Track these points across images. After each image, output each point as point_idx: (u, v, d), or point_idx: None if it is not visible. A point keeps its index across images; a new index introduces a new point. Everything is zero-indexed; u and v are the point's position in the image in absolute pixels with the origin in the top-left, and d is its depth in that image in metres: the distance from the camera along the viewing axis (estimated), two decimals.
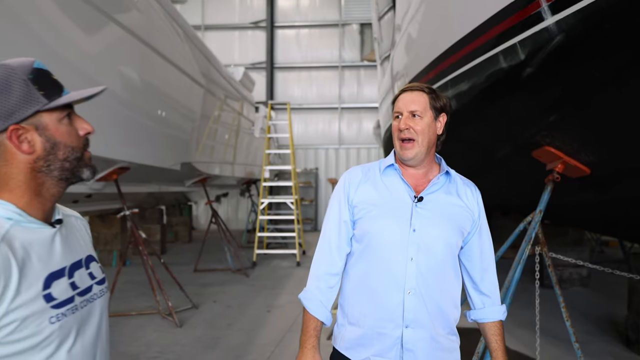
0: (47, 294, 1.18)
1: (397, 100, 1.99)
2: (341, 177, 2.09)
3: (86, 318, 1.30)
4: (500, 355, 2.02)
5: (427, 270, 1.88)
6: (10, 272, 1.11)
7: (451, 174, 2.02)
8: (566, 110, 3.17)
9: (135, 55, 5.84)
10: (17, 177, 1.22)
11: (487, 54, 3.29)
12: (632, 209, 3.88)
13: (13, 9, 3.78)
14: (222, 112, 10.29)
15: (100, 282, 1.39)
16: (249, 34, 20.08)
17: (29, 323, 1.14)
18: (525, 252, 3.77)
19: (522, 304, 6.32)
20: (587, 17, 2.36)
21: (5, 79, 1.18)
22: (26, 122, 1.20)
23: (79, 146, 1.29)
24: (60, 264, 1.25)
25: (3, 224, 1.16)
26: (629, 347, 5.48)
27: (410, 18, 5.71)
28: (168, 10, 7.14)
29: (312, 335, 2.00)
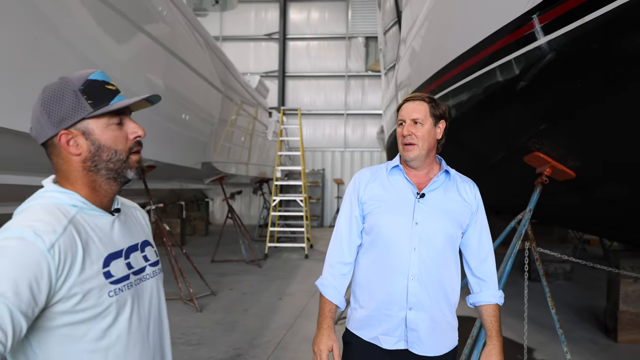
0: (107, 272, 1.25)
1: (401, 109, 2.06)
2: (353, 177, 2.16)
3: (140, 294, 1.36)
4: (495, 334, 2.06)
5: (428, 259, 1.94)
6: (76, 250, 1.18)
7: (451, 173, 2.08)
8: (555, 120, 3.21)
9: (163, 63, 5.88)
10: (74, 173, 1.29)
11: (485, 68, 3.33)
12: (611, 209, 3.93)
13: (55, 23, 3.88)
14: (239, 116, 10.33)
15: (154, 264, 1.45)
16: (263, 44, 20.13)
17: (92, 295, 1.20)
18: (515, 247, 3.81)
19: (511, 294, 6.37)
20: (576, 39, 2.42)
21: (60, 90, 1.25)
22: (74, 127, 1.26)
23: (124, 149, 1.32)
24: (118, 247, 1.32)
25: (70, 210, 1.23)
26: (607, 335, 5.55)
27: (415, 33, 5.74)
28: (191, 22, 7.18)
29: (328, 316, 2.08)
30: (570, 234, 10.22)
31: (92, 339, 1.22)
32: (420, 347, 1.95)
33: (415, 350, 1.96)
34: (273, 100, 18.47)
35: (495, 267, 2.14)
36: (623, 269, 4.89)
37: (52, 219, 1.17)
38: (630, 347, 5.22)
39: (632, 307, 5.30)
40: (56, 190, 1.27)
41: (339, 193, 18.90)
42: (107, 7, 4.53)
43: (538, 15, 2.62)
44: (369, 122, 19.18)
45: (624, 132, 2.85)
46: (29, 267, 1.09)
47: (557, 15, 2.47)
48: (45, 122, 1.25)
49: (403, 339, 1.96)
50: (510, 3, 2.91)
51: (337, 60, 19.73)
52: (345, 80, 19.54)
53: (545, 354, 4.97)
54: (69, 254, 1.16)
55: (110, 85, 1.31)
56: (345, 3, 19.80)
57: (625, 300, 5.31)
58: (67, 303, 1.17)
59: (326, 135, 19.60)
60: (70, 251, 1.17)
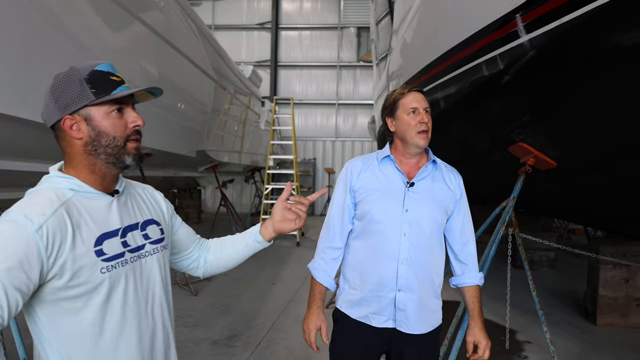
0: (99, 250, 1.33)
1: (406, 97, 2.10)
2: (345, 166, 2.23)
3: (137, 270, 1.43)
4: (477, 314, 2.20)
5: (417, 244, 2.05)
6: (66, 230, 1.27)
7: (437, 162, 2.18)
8: (537, 112, 3.34)
9: (158, 52, 5.89)
10: (76, 156, 1.38)
11: (472, 62, 3.44)
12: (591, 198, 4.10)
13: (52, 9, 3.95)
14: (232, 105, 10.36)
15: (155, 241, 1.51)
16: (255, 34, 20.10)
17: (84, 272, 1.29)
18: (499, 233, 3.97)
19: (496, 280, 6.58)
20: (555, 37, 2.55)
21: (67, 78, 1.35)
22: (77, 113, 1.35)
23: (122, 136, 1.39)
24: (113, 226, 1.39)
25: (66, 193, 1.33)
26: (586, 318, 5.78)
27: (407, 25, 5.86)
28: (186, 10, 7.19)
29: (318, 298, 2.19)
30: (556, 223, 10.45)
31: (89, 312, 1.32)
32: (407, 325, 2.07)
33: (402, 328, 2.07)
34: (265, 90, 18.50)
35: (476, 251, 2.26)
36: (603, 255, 5.08)
37: (45, 202, 1.28)
38: (608, 329, 5.45)
39: (611, 291, 5.52)
40: (57, 175, 1.37)
41: (330, 182, 19.01)
42: None
43: (521, 14, 2.75)
44: (360, 112, 19.28)
45: (599, 124, 3.01)
46: (19, 246, 1.19)
47: (538, 15, 2.60)
48: (52, 107, 1.35)
49: (391, 318, 2.07)
50: (495, 2, 3.04)
51: (329, 50, 19.75)
52: (337, 70, 19.59)
53: (526, 336, 5.19)
54: (57, 233, 1.25)
55: (115, 77, 1.39)
56: None
57: (605, 285, 5.53)
58: (61, 279, 1.26)
59: (318, 124, 19.68)
60: (60, 231, 1.25)
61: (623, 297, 5.52)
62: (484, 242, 4.54)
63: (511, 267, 4.37)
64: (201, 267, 1.77)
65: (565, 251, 5.21)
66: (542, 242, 4.48)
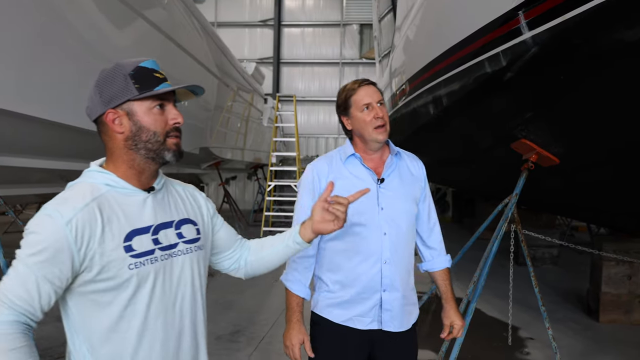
0: (128, 246, 1.33)
1: (357, 93, 2.02)
2: (308, 170, 2.10)
3: (167, 269, 1.41)
4: (450, 296, 2.20)
5: (397, 241, 2.02)
6: (95, 224, 1.29)
7: (399, 152, 2.13)
8: (539, 109, 3.35)
9: (161, 49, 5.89)
10: (117, 151, 1.40)
11: (475, 59, 3.44)
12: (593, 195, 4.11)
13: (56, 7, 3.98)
14: (235, 102, 10.37)
15: (190, 241, 1.49)
16: (257, 31, 20.06)
17: (112, 266, 1.30)
18: (502, 229, 3.99)
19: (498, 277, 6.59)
20: (558, 33, 2.56)
21: (112, 73, 1.38)
22: (120, 107, 1.37)
23: (162, 132, 1.40)
24: (146, 223, 1.39)
25: (101, 188, 1.36)
26: (589, 315, 5.77)
27: (410, 22, 5.87)
28: (189, 7, 7.21)
29: (297, 310, 2.08)
30: (559, 220, 10.44)
31: (116, 308, 1.33)
32: (392, 324, 2.03)
33: (388, 328, 2.02)
34: (267, 87, 18.48)
35: (442, 235, 2.26)
36: (606, 252, 5.08)
37: (78, 196, 1.31)
38: (611, 326, 5.44)
39: (614, 288, 5.52)
40: (95, 170, 1.40)
41: None
42: None
43: (523, 11, 2.76)
44: None
45: (602, 120, 3.02)
46: (50, 240, 1.24)
47: (541, 12, 2.61)
48: (97, 101, 1.38)
49: (376, 319, 2.01)
50: None
51: (331, 47, 19.70)
52: (339, 67, 19.56)
53: (529, 332, 5.19)
54: (86, 227, 1.28)
55: (158, 74, 1.41)
56: None
57: (607, 282, 5.52)
58: (90, 272, 1.29)
59: (320, 121, 19.61)
60: (89, 225, 1.28)
61: (626, 294, 5.52)
62: (486, 238, 4.56)
63: (513, 264, 4.38)
64: (242, 268, 1.74)
65: (568, 248, 5.22)
66: (545, 238, 4.49)
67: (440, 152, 5.99)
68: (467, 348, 4.14)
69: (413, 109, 5.59)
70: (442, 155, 6.02)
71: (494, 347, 4.78)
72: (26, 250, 1.26)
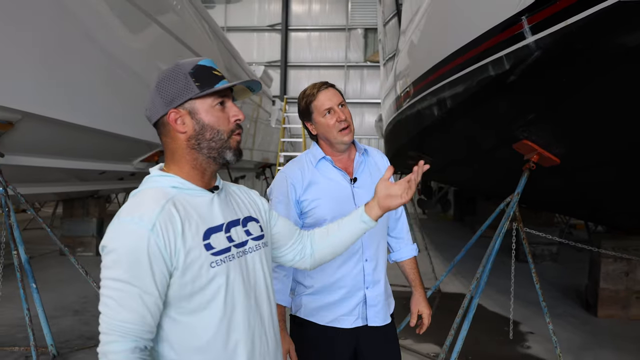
0: (207, 244, 1.27)
1: (317, 99, 1.98)
2: (279, 178, 2.03)
3: (244, 266, 1.36)
4: (419, 284, 2.19)
5: (375, 238, 2.01)
6: (176, 223, 1.22)
7: (368, 150, 2.12)
8: (541, 111, 3.33)
9: (173, 52, 5.90)
10: (179, 151, 1.33)
11: (479, 63, 3.43)
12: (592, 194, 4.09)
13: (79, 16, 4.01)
14: (244, 104, 10.42)
15: (257, 238, 1.44)
16: (266, 35, 20.13)
17: (195, 266, 1.23)
18: (504, 227, 3.98)
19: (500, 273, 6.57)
20: (561, 38, 2.54)
21: (173, 73, 1.32)
22: (182, 107, 1.30)
23: (226, 130, 1.34)
24: (217, 221, 1.33)
25: (170, 191, 1.29)
26: (588, 310, 5.75)
27: (414, 26, 5.85)
28: (201, 13, 7.24)
29: (281, 320, 1.98)
30: (557, 218, 10.40)
31: (198, 307, 1.25)
32: (377, 319, 2.01)
33: (373, 323, 2.00)
34: (275, 89, 18.51)
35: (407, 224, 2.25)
36: (604, 249, 5.06)
37: (151, 201, 1.24)
38: (609, 321, 5.42)
39: (612, 284, 5.50)
40: (159, 175, 1.34)
41: None
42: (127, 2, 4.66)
43: (527, 16, 2.74)
44: (367, 111, 19.27)
45: (602, 122, 3.00)
46: (141, 249, 1.17)
47: (544, 17, 2.60)
48: (158, 102, 1.32)
49: (361, 316, 1.99)
50: (502, 4, 3.03)
51: (337, 50, 19.76)
52: (344, 70, 19.61)
53: (530, 327, 5.17)
54: (169, 227, 1.21)
55: (217, 72, 1.35)
56: None
57: (606, 279, 5.49)
58: (176, 273, 1.22)
59: None
60: (172, 225, 1.21)
61: (624, 289, 5.49)
62: (487, 236, 4.55)
63: (515, 261, 4.36)
64: (307, 258, 1.66)
65: (567, 245, 5.19)
66: (546, 236, 4.46)
67: (443, 153, 5.98)
68: (469, 342, 4.14)
69: (417, 110, 5.58)
70: (445, 155, 6.01)
71: (496, 340, 4.77)
72: (117, 269, 1.17)
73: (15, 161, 4.27)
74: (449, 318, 4.00)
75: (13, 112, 3.68)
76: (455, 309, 4.15)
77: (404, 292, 4.24)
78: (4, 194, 4.00)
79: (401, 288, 4.94)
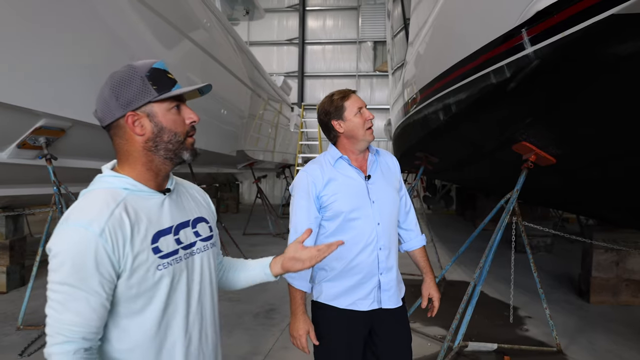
0: (155, 247, 1.19)
1: (351, 99, 2.03)
2: (301, 176, 2.04)
3: (190, 267, 1.29)
4: (429, 270, 2.21)
5: (388, 228, 2.02)
6: (125, 228, 1.14)
7: (379, 151, 2.15)
8: (539, 115, 3.30)
9: (203, 64, 6.00)
10: (134, 153, 1.24)
11: (481, 71, 3.41)
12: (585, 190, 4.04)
13: (125, 36, 4.07)
14: (266, 110, 10.46)
15: (205, 239, 1.36)
16: (284, 48, 20.12)
17: (141, 269, 1.16)
18: (504, 221, 3.95)
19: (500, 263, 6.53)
20: (558, 48, 2.51)
21: (128, 75, 1.21)
22: (140, 110, 1.21)
23: (182, 132, 1.26)
24: (167, 224, 1.25)
25: (121, 193, 1.19)
26: (581, 297, 5.69)
27: (421, 39, 5.83)
28: (227, 29, 7.29)
29: (300, 303, 2.00)
30: (552, 212, 10.27)
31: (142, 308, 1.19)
32: (390, 302, 2.03)
33: (387, 305, 2.02)
34: (293, 97, 18.53)
35: (416, 217, 2.26)
36: (596, 241, 5.01)
37: (101, 204, 1.15)
38: (600, 306, 5.36)
39: (603, 273, 5.44)
40: (110, 175, 1.24)
41: None
42: (163, 21, 4.71)
43: (526, 29, 2.72)
44: (377, 115, 19.09)
45: (593, 126, 2.96)
46: (89, 252, 1.09)
47: (542, 29, 2.57)
48: (113, 105, 1.21)
49: (376, 299, 2.01)
50: (503, 17, 3.00)
51: (349, 61, 19.68)
52: (356, 79, 19.52)
53: (528, 312, 5.13)
54: (118, 233, 1.13)
55: (170, 75, 1.27)
56: (356, 12, 19.70)
57: (597, 268, 5.44)
58: (123, 277, 1.15)
59: None
60: (120, 230, 1.13)
61: (614, 277, 5.43)
62: (488, 229, 4.52)
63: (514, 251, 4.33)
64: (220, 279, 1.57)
65: (560, 237, 5.14)
66: (543, 229, 4.43)
67: (448, 154, 5.94)
68: (473, 325, 4.12)
69: (424, 115, 5.55)
70: (449, 156, 5.97)
71: (496, 324, 4.74)
72: (63, 273, 1.09)
73: (66, 163, 4.35)
74: (454, 304, 3.99)
75: (64, 120, 3.74)
76: (459, 295, 4.14)
77: (413, 280, 4.25)
78: (57, 192, 4.07)
79: (410, 276, 4.94)
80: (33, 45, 3.15)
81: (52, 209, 4.23)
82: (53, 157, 3.97)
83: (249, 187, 18.80)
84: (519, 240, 4.33)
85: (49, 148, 3.90)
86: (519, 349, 4.06)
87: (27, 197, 4.96)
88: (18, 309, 4.52)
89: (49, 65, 3.33)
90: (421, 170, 6.73)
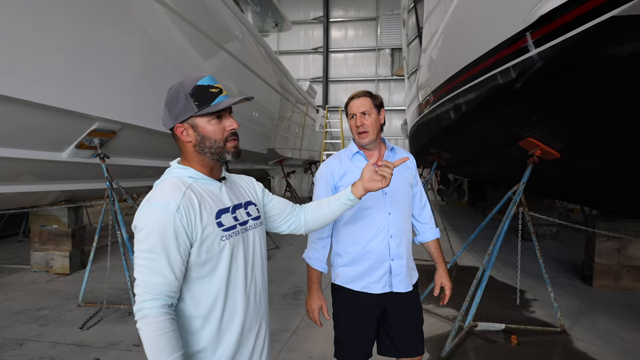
0: (219, 222, 1.32)
1: (349, 105, 2.01)
2: (322, 167, 2.07)
3: (245, 240, 1.41)
4: (442, 261, 2.16)
5: (399, 218, 2.00)
6: (195, 206, 1.27)
7: (395, 148, 2.10)
8: (543, 113, 3.21)
9: (237, 73, 6.02)
10: (189, 154, 1.37)
11: (489, 73, 3.34)
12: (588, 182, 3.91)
13: (166, 48, 4.11)
14: (294, 113, 10.45)
15: (255, 218, 1.48)
16: (310, 57, 20.14)
17: (209, 239, 1.28)
18: (511, 211, 3.87)
19: (508, 250, 6.41)
20: (560, 50, 2.44)
21: (176, 93, 1.33)
22: (186, 122, 1.34)
23: (221, 139, 1.35)
24: (226, 204, 1.38)
25: (187, 180, 1.33)
26: (584, 281, 5.52)
27: (433, 45, 5.74)
28: (258, 40, 7.30)
29: (316, 282, 2.04)
30: (557, 203, 10.00)
31: (210, 271, 1.30)
32: (401, 286, 2.01)
33: (397, 289, 2.00)
34: (318, 100, 18.53)
35: (431, 211, 2.21)
36: (598, 230, 4.85)
37: (175, 188, 1.28)
38: (603, 291, 5.20)
39: (605, 259, 5.27)
40: (178, 167, 1.38)
41: None
42: (203, 35, 4.75)
43: (531, 32, 2.64)
44: (394, 116, 19.02)
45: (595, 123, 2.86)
46: (169, 224, 1.21)
47: (546, 32, 2.49)
48: (167, 117, 1.36)
49: (388, 283, 2.00)
50: (509, 22, 2.93)
51: (368, 67, 19.59)
52: (375, 83, 19.41)
53: (534, 295, 5.01)
54: (190, 209, 1.25)
55: (214, 88, 1.34)
56: (375, 22, 19.55)
57: (600, 254, 5.27)
58: (195, 245, 1.26)
59: None
60: (192, 207, 1.26)
61: (615, 263, 5.24)
62: (497, 219, 4.42)
63: (521, 239, 4.24)
64: (302, 226, 1.67)
65: (565, 226, 4.99)
66: (548, 219, 4.31)
67: (459, 150, 5.84)
68: (482, 307, 4.06)
69: (437, 115, 5.47)
70: (461, 152, 5.87)
71: (504, 306, 4.64)
72: (149, 243, 1.21)
73: (118, 161, 4.44)
74: (465, 287, 3.93)
75: (115, 123, 3.82)
76: (470, 279, 4.07)
77: (427, 266, 4.20)
78: (109, 187, 4.16)
79: (423, 262, 4.89)
80: (89, 60, 3.22)
81: (105, 202, 4.34)
82: (106, 155, 4.06)
83: (279, 182, 18.90)
84: (525, 229, 4.23)
85: (102, 148, 3.99)
86: (525, 329, 3.97)
87: (85, 191, 5.10)
88: (79, 288, 4.66)
89: (101, 75, 3.41)
90: (435, 166, 6.64)
